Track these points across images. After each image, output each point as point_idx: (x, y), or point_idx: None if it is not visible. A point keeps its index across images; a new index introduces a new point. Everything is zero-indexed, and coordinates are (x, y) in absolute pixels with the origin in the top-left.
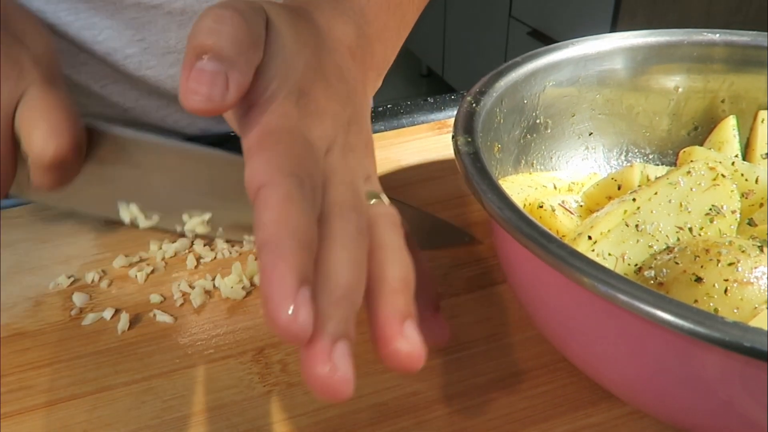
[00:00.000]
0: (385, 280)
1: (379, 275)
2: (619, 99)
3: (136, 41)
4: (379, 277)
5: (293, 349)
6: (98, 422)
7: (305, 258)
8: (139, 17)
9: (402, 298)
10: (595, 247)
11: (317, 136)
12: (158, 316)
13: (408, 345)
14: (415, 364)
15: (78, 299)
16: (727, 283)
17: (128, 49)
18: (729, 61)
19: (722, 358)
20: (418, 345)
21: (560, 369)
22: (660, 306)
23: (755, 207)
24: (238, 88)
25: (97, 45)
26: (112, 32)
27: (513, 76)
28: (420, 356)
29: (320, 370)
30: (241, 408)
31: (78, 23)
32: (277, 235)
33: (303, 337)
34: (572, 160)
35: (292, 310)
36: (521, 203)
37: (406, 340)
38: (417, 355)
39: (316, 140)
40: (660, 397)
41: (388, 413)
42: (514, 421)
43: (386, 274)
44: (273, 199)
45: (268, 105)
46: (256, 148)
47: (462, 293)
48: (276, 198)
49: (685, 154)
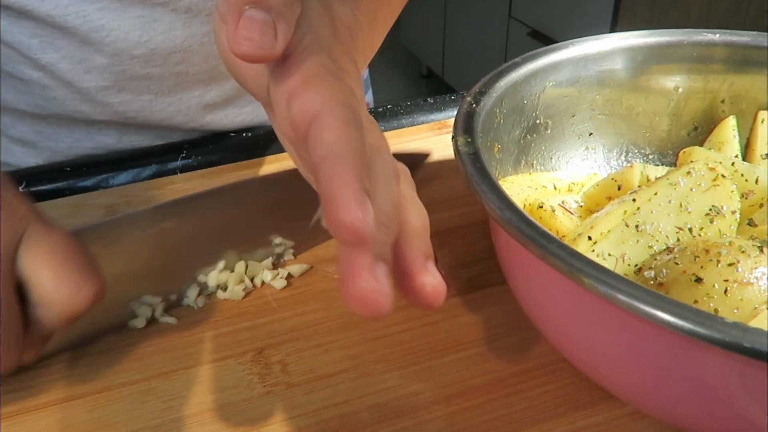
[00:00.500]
0: (409, 224)
1: (403, 220)
2: (619, 99)
3: (143, 42)
4: (404, 221)
5: (293, 349)
6: (98, 422)
7: (365, 175)
8: (145, 15)
9: (424, 241)
10: (595, 247)
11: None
12: (161, 317)
13: (433, 279)
14: (438, 298)
15: None
16: (727, 284)
17: (135, 50)
18: (729, 62)
19: (722, 359)
20: (441, 280)
21: (560, 369)
22: (660, 306)
23: (755, 207)
24: (285, 37)
25: (105, 47)
26: (119, 33)
27: (513, 77)
28: (443, 290)
29: (366, 284)
30: (241, 408)
31: (86, 26)
32: (340, 149)
33: (364, 236)
34: (572, 161)
35: (357, 207)
36: (521, 204)
37: (431, 275)
38: (441, 289)
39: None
40: (660, 398)
41: (388, 413)
42: (514, 422)
43: (410, 219)
44: (332, 122)
45: (306, 55)
46: (302, 87)
47: (462, 293)
48: (335, 121)
49: (685, 154)
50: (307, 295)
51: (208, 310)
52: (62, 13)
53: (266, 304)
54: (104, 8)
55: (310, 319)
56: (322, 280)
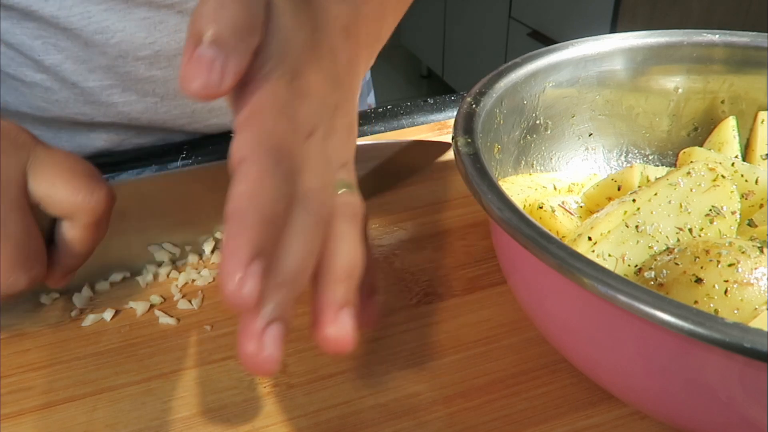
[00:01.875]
0: (331, 270)
1: (327, 264)
2: (619, 100)
3: (148, 44)
4: (327, 265)
5: (293, 350)
6: (98, 423)
7: (266, 233)
8: (150, 17)
9: (343, 288)
10: (595, 248)
11: (303, 118)
12: (161, 318)
13: (337, 331)
14: (342, 348)
15: (78, 300)
16: (728, 284)
17: (140, 52)
18: (729, 62)
19: (722, 359)
20: (348, 331)
21: (560, 370)
22: (660, 307)
23: (755, 208)
24: (234, 75)
25: (110, 48)
26: (124, 35)
27: (513, 77)
28: (347, 342)
29: (250, 348)
30: (241, 409)
31: (91, 27)
32: (245, 207)
33: (245, 307)
34: (572, 161)
35: (239, 279)
36: (521, 204)
37: (337, 326)
38: (345, 340)
39: (301, 121)
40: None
41: (389, 414)
42: (514, 422)
43: (334, 264)
44: (249, 172)
45: (261, 84)
46: (243, 124)
47: (462, 294)
48: (252, 172)
49: (685, 154)
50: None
51: (209, 310)
52: (67, 14)
53: None
54: (109, 9)
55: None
56: None
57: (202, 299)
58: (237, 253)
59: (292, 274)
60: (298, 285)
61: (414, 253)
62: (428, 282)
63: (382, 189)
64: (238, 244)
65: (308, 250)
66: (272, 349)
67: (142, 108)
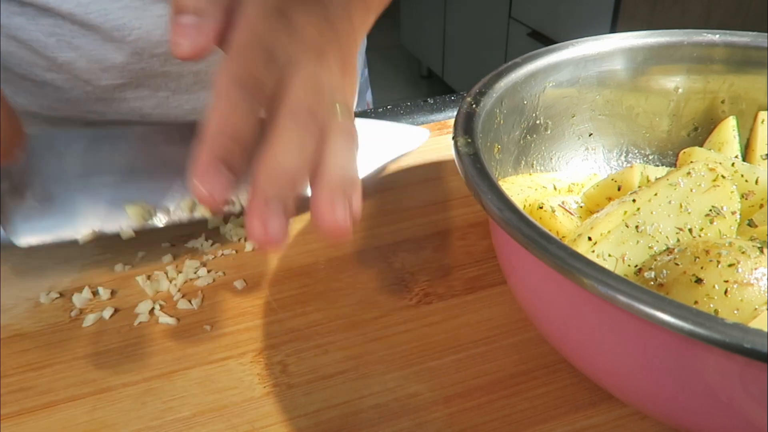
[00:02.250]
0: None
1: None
2: (619, 100)
3: (164, 41)
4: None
5: (293, 350)
6: (98, 423)
7: (232, 148)
8: (166, 14)
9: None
10: (595, 248)
11: (282, 48)
12: (161, 318)
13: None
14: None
15: (78, 300)
16: (728, 285)
17: (156, 49)
18: (729, 62)
19: (722, 360)
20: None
21: (560, 370)
22: (660, 307)
23: (755, 208)
24: (214, 32)
25: (126, 45)
26: (141, 32)
27: (513, 77)
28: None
29: (255, 224)
30: (241, 409)
31: (108, 24)
32: (213, 132)
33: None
34: (572, 161)
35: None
36: (521, 204)
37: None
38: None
39: (279, 52)
40: (660, 398)
41: (388, 414)
42: (514, 422)
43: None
44: (219, 106)
45: (241, 25)
46: (221, 64)
47: (462, 294)
48: (221, 106)
49: (685, 154)
50: (307, 295)
51: (208, 310)
52: (84, 11)
53: (266, 305)
54: (126, 6)
55: (310, 320)
56: (322, 280)
57: (201, 299)
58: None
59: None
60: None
61: (414, 253)
62: (428, 282)
63: (381, 190)
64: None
65: (298, 148)
66: (276, 223)
67: (154, 103)
